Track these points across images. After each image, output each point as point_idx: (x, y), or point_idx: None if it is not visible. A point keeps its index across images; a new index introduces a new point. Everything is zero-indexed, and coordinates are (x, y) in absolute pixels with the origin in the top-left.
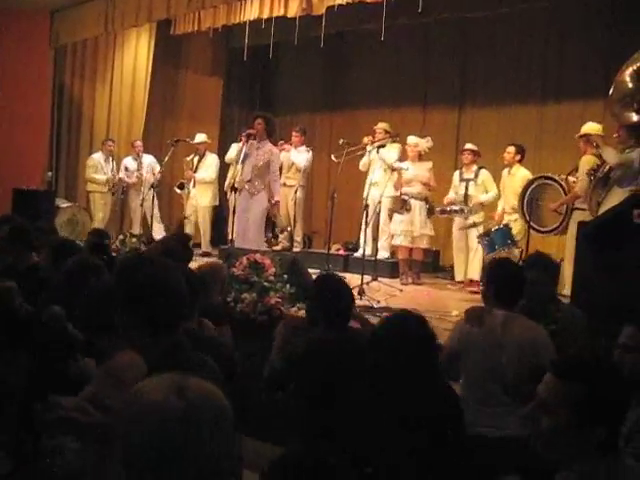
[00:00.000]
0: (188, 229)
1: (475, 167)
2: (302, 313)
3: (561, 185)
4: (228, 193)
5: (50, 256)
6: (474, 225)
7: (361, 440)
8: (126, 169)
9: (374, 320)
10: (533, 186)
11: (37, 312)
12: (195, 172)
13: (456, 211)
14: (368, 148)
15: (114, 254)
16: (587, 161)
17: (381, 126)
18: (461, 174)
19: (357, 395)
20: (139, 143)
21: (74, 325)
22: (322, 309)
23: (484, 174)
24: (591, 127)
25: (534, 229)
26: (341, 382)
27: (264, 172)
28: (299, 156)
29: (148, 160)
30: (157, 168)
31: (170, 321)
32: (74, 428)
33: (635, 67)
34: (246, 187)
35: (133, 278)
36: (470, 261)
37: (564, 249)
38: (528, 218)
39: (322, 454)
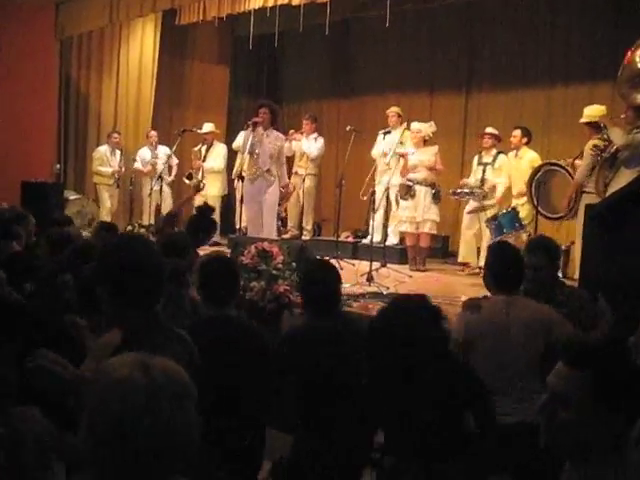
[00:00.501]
0: None
1: (494, 151)
2: None
3: (567, 171)
4: (235, 181)
5: (47, 248)
6: (483, 209)
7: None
8: (134, 160)
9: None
10: (540, 173)
11: (29, 300)
12: (203, 162)
13: (467, 193)
14: (379, 137)
15: None
16: (592, 146)
17: (394, 110)
18: (480, 158)
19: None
20: (153, 133)
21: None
22: (306, 294)
23: (502, 159)
24: (594, 111)
25: (544, 215)
26: (330, 370)
27: (277, 160)
28: (310, 145)
29: (163, 150)
30: (174, 159)
31: (146, 296)
32: (53, 379)
33: None
34: (265, 176)
35: (113, 256)
36: (483, 248)
37: (574, 233)
38: (536, 203)
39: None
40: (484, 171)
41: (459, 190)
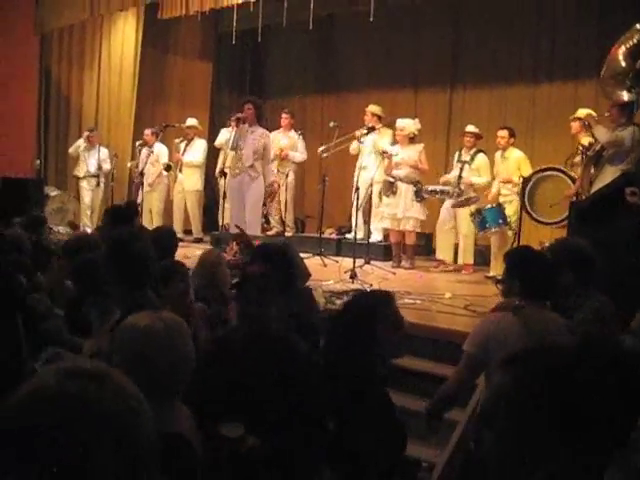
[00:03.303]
0: (177, 216)
1: (474, 150)
2: None
3: (564, 172)
4: (219, 178)
5: None
6: (468, 202)
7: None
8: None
9: None
10: (533, 180)
11: None
12: (182, 155)
13: (443, 192)
14: (357, 133)
15: None
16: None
17: (370, 109)
18: (460, 155)
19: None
20: (147, 132)
21: None
22: None
23: (480, 159)
24: (585, 111)
25: (539, 222)
26: None
27: (262, 157)
28: (291, 147)
29: (157, 149)
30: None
31: (138, 279)
32: None
33: (628, 45)
34: (248, 172)
35: (117, 249)
36: (462, 245)
37: (557, 231)
38: (529, 209)
39: None
40: (461, 169)
41: (431, 188)
